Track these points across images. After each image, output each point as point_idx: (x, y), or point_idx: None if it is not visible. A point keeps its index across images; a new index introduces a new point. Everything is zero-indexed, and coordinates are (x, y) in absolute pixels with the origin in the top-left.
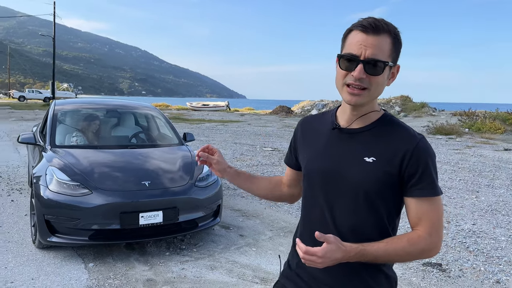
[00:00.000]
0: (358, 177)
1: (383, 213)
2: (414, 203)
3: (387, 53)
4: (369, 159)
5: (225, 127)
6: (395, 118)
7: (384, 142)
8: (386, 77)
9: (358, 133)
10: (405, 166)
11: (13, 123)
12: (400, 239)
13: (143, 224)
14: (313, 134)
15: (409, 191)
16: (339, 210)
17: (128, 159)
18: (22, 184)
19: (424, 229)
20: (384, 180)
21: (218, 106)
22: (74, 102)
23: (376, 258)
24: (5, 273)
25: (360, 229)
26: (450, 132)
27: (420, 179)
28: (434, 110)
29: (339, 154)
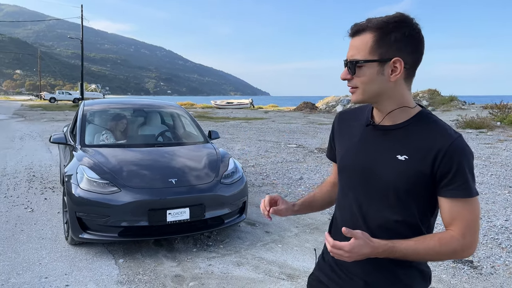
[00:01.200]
0: (390, 175)
1: (415, 212)
2: (447, 204)
3: (367, 50)
4: (402, 157)
5: (249, 124)
6: (432, 115)
7: (418, 140)
8: (376, 74)
9: (392, 130)
10: (437, 166)
11: (45, 124)
12: (431, 238)
13: (170, 221)
14: (348, 128)
15: (441, 191)
16: (369, 207)
17: (155, 157)
18: (54, 182)
19: (458, 230)
20: (416, 179)
21: (242, 104)
22: (102, 102)
23: (405, 256)
24: (40, 268)
25: (391, 227)
26: (481, 126)
27: (453, 180)
28: (464, 103)
29: (371, 151)
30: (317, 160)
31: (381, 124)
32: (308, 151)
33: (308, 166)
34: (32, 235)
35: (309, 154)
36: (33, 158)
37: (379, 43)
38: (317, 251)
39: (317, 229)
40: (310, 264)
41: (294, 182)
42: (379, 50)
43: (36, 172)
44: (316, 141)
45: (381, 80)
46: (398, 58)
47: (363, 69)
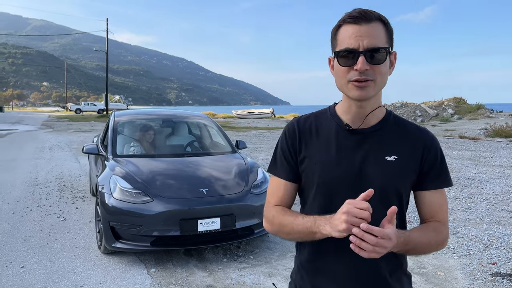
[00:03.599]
0: (383, 178)
1: (404, 208)
2: (431, 195)
3: (384, 39)
4: (391, 157)
5: (271, 134)
6: (395, 113)
7: (401, 138)
8: (388, 65)
9: (372, 132)
10: (424, 160)
11: (72, 135)
12: (427, 228)
13: (201, 230)
14: (317, 138)
15: (427, 184)
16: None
17: (185, 167)
18: (84, 192)
19: (442, 218)
20: (409, 176)
21: (263, 113)
22: (131, 113)
23: (414, 247)
24: (75, 277)
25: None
26: (511, 135)
27: (439, 171)
28: (491, 111)
29: (357, 157)
30: None
31: (360, 127)
32: None
33: None
34: (66, 243)
35: None
36: (63, 168)
37: (387, 33)
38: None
39: None
40: None
41: None
42: (388, 41)
43: (66, 181)
44: None
45: (387, 72)
46: (395, 52)
47: (383, 59)
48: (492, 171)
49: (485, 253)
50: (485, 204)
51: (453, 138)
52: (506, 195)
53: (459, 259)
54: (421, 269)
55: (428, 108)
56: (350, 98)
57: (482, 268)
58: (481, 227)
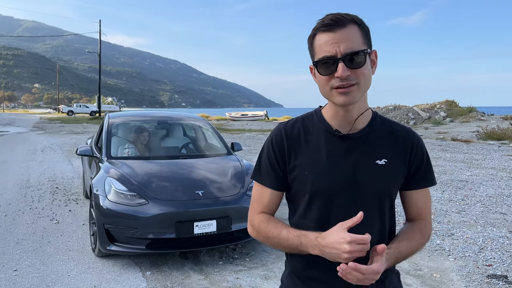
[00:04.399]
0: (376, 182)
1: (394, 212)
2: (417, 195)
3: (360, 41)
4: (381, 161)
5: (265, 136)
6: (380, 114)
7: (389, 141)
8: (369, 66)
9: (360, 137)
10: (412, 160)
11: (64, 137)
12: (414, 232)
13: (197, 233)
14: (306, 144)
15: (415, 184)
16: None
17: (181, 170)
18: (77, 194)
19: (426, 216)
20: (399, 179)
21: (256, 116)
22: (126, 114)
23: (405, 257)
24: (69, 280)
25: (381, 239)
26: (502, 137)
27: (425, 170)
28: (483, 114)
29: (349, 164)
30: None
31: (350, 132)
32: None
33: None
34: (59, 246)
35: None
36: (55, 170)
37: (363, 34)
38: None
39: None
40: None
41: None
42: (365, 41)
43: (59, 184)
44: None
45: (370, 73)
46: (375, 50)
47: (363, 60)
48: (485, 173)
49: (480, 255)
50: (479, 206)
51: (446, 140)
52: (499, 197)
53: (455, 261)
54: (417, 271)
55: (420, 111)
56: (336, 105)
57: (477, 270)
58: (475, 229)
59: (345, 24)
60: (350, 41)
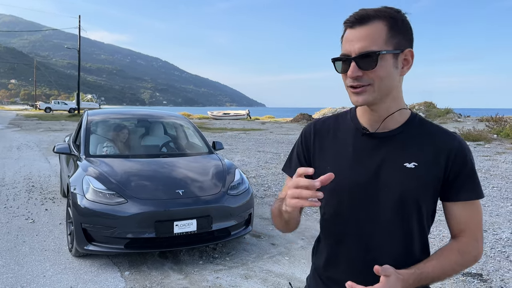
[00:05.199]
0: (401, 186)
1: (425, 223)
2: (459, 208)
3: (382, 41)
4: (410, 164)
5: (247, 135)
6: (423, 117)
7: (423, 143)
8: (392, 67)
9: (391, 136)
10: (450, 168)
11: (41, 134)
12: (450, 252)
13: (177, 232)
14: (332, 141)
15: (454, 195)
16: (377, 228)
17: (161, 168)
18: (54, 193)
19: (471, 234)
20: (430, 186)
21: (239, 115)
22: (105, 112)
23: (433, 279)
24: (44, 281)
25: (404, 246)
26: (478, 139)
27: (466, 181)
28: (460, 116)
29: (373, 163)
30: None
31: (378, 131)
32: None
33: None
34: (35, 246)
35: None
36: (32, 168)
37: (393, 32)
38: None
39: None
40: None
41: None
42: (394, 40)
43: (35, 182)
44: None
45: (395, 74)
46: (410, 50)
47: (380, 62)
48: None
49: None
50: None
51: None
52: None
53: None
54: None
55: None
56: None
57: None
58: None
59: (367, 21)
60: (367, 40)
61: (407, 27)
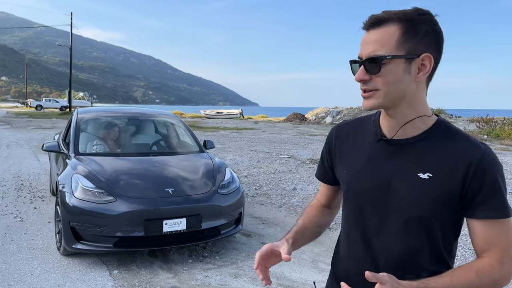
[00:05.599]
0: (412, 197)
1: (439, 236)
2: (481, 226)
3: (392, 45)
4: (425, 175)
5: (240, 134)
6: (451, 124)
7: (442, 154)
8: (402, 72)
9: (409, 144)
10: (468, 182)
11: (32, 132)
12: (467, 270)
13: (167, 231)
14: (352, 145)
15: (474, 212)
16: (386, 235)
17: (151, 167)
18: (44, 191)
19: (495, 256)
20: (444, 200)
21: (231, 114)
22: (95, 110)
23: None
24: (31, 280)
25: (412, 257)
26: None
27: (487, 198)
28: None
29: (387, 170)
30: (310, 171)
31: (396, 137)
32: (300, 161)
33: (301, 177)
34: (23, 245)
35: (301, 165)
36: (21, 166)
37: (407, 36)
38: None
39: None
40: (307, 276)
41: (288, 193)
42: (407, 44)
43: (25, 180)
44: (308, 152)
45: (407, 80)
46: (428, 54)
47: (387, 66)
48: None
49: None
50: None
51: None
52: None
53: None
54: None
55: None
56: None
57: None
58: None
59: (381, 24)
60: (376, 44)
61: (427, 30)
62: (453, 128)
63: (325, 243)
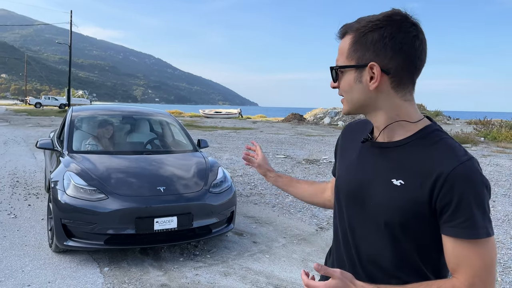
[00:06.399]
0: (381, 202)
1: (412, 248)
2: (450, 244)
3: (345, 55)
4: (397, 181)
5: (237, 134)
6: (441, 132)
7: (417, 162)
8: (354, 81)
9: (390, 148)
10: (436, 195)
11: (30, 129)
12: (428, 286)
13: (157, 229)
14: (350, 143)
15: (443, 228)
16: (360, 236)
17: (143, 165)
18: (38, 189)
19: (464, 278)
20: (410, 209)
21: (230, 114)
22: (90, 108)
23: None
24: (22, 276)
25: (382, 264)
26: (465, 141)
27: (454, 214)
28: (449, 118)
29: (366, 172)
30: (305, 171)
31: (378, 140)
32: (296, 162)
33: (296, 177)
34: (15, 241)
35: (297, 165)
36: (17, 163)
37: (356, 46)
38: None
39: (305, 240)
40: (297, 275)
41: (282, 193)
42: (356, 54)
43: (20, 178)
44: (304, 152)
45: (360, 88)
46: (373, 63)
47: (343, 76)
48: None
49: None
50: None
51: None
52: None
53: None
54: None
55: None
56: None
57: None
58: None
59: (342, 35)
60: (339, 53)
61: (373, 38)
62: (441, 135)
63: (316, 243)
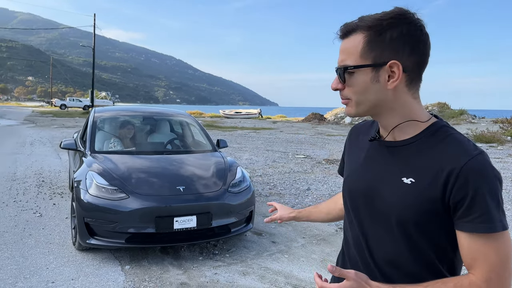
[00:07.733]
0: (392, 201)
1: (427, 247)
2: (465, 239)
3: (357, 54)
4: (408, 180)
5: (257, 134)
6: (449, 128)
7: (428, 159)
8: (370, 82)
9: (399, 146)
10: (449, 191)
11: (55, 130)
12: (444, 283)
13: (177, 228)
14: (357, 144)
15: (458, 224)
16: (373, 238)
17: (164, 165)
18: (63, 188)
19: (480, 274)
20: (425, 207)
21: (250, 114)
22: (112, 109)
23: None
24: (47, 273)
25: (400, 265)
26: (491, 140)
27: (469, 209)
28: (474, 117)
29: (375, 172)
30: (325, 171)
31: (386, 139)
32: (316, 162)
33: (316, 177)
34: (40, 239)
35: (317, 165)
36: (43, 163)
37: (372, 45)
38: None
39: (324, 240)
40: None
41: (302, 192)
42: (372, 53)
43: (46, 177)
44: (324, 152)
45: (377, 88)
46: (395, 61)
47: (354, 76)
48: None
49: None
50: None
51: None
52: None
53: None
54: None
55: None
56: None
57: None
58: None
59: (350, 33)
60: (345, 53)
61: (392, 36)
62: (449, 131)
63: (336, 243)
